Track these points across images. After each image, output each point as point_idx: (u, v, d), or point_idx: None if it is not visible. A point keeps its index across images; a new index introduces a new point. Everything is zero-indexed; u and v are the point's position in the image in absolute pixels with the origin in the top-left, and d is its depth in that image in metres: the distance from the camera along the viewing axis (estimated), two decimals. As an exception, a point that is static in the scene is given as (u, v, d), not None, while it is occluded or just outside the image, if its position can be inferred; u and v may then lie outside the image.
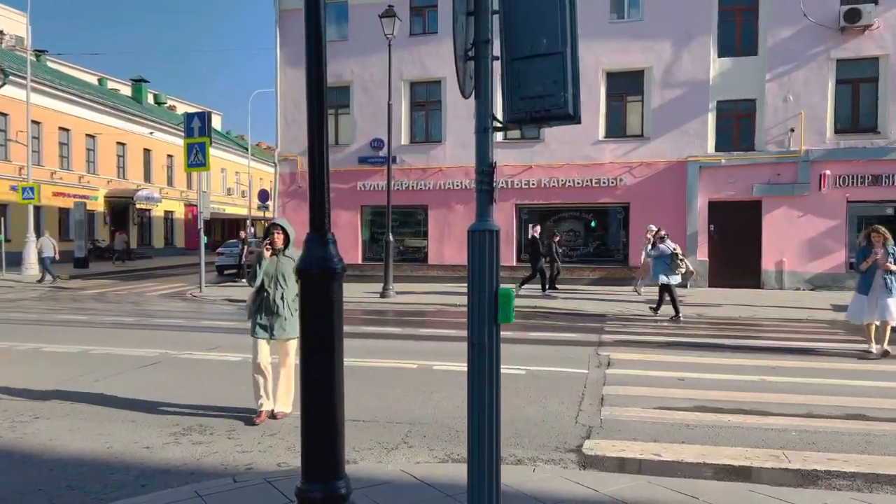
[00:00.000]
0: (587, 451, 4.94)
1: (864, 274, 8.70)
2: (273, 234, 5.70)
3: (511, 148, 19.68)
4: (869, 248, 8.64)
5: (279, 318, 5.62)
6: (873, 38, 17.24)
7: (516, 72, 3.04)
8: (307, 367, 3.24)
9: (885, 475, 4.43)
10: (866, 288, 8.65)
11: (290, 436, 5.22)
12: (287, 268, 5.55)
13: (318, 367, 3.22)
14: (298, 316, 5.25)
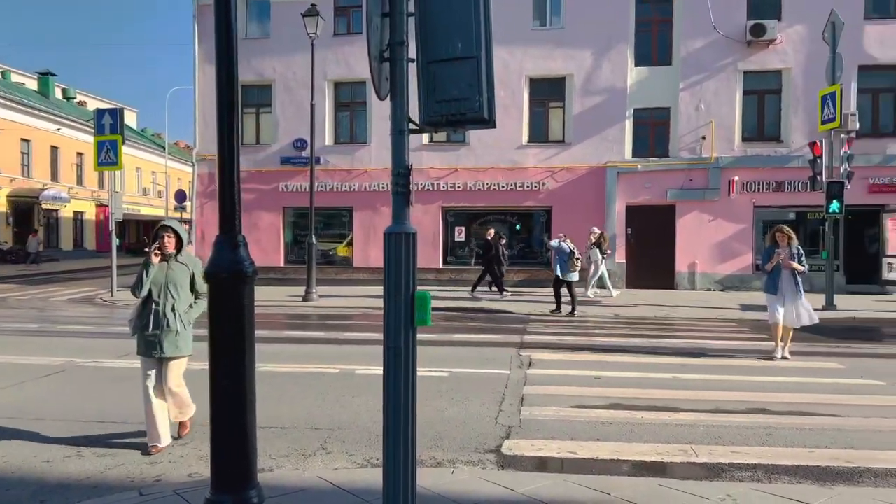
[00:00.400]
0: (506, 451, 4.99)
1: (770, 274, 8.67)
2: (162, 237, 4.99)
3: (437, 151, 19.77)
4: (774, 247, 8.66)
5: (170, 334, 4.89)
6: (777, 53, 18.28)
7: (432, 75, 3.04)
8: (216, 373, 3.13)
9: (783, 465, 4.68)
10: (774, 287, 8.62)
11: (203, 445, 5.03)
12: (179, 276, 4.98)
13: (227, 374, 3.12)
14: (191, 329, 4.98)
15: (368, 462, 4.75)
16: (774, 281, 8.62)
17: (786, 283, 8.55)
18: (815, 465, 4.67)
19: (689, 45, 18.57)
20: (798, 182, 17.58)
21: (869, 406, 6.37)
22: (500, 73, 19.03)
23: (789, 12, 18.13)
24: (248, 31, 20.73)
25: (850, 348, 9.90)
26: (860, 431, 5.50)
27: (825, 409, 6.19)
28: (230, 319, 3.13)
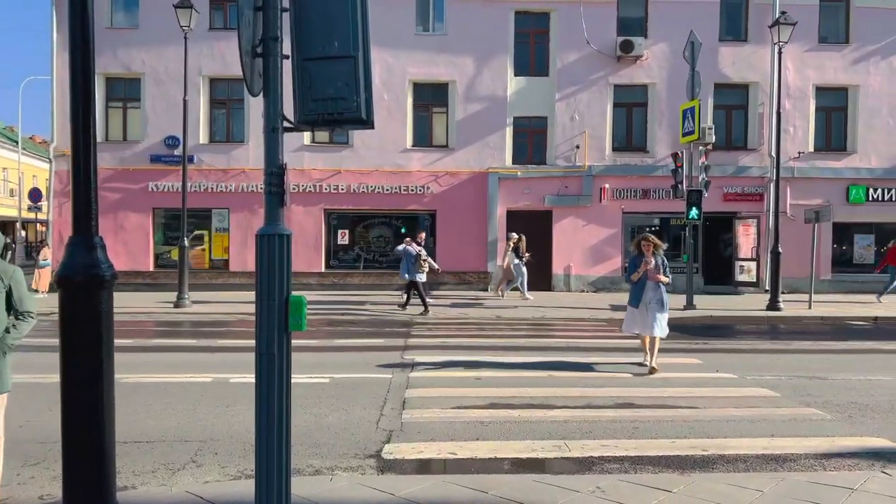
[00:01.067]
0: (386, 455, 4.96)
1: (636, 285, 8.10)
2: None
3: (319, 152, 19.42)
4: (640, 257, 8.06)
5: None
6: (643, 68, 19.49)
7: (308, 72, 2.98)
8: (69, 384, 2.89)
9: (648, 456, 4.96)
10: (636, 300, 8.08)
11: (56, 464, 4.62)
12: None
13: (81, 385, 2.88)
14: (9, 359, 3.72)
15: (242, 474, 4.56)
16: (638, 293, 8.07)
17: (650, 295, 8.00)
18: (675, 455, 5.00)
19: (565, 58, 19.40)
20: (662, 190, 18.80)
21: (723, 398, 6.89)
22: (384, 76, 19.05)
23: (654, 31, 19.38)
24: (115, 20, 19.43)
25: (707, 345, 10.70)
26: (715, 421, 5.94)
27: (685, 401, 6.64)
28: (85, 326, 2.89)
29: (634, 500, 3.90)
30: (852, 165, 19.68)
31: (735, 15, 19.75)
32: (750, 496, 3.94)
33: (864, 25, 19.52)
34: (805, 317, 14.36)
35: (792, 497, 3.92)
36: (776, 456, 4.98)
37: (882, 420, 5.98)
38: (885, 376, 7.95)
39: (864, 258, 20.21)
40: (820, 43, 19.58)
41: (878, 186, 19.62)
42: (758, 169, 19.54)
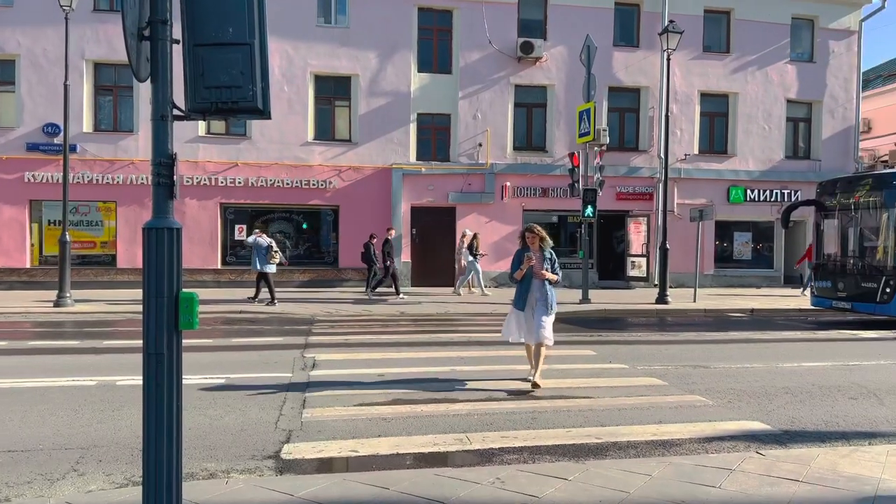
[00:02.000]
0: (285, 455, 4.84)
1: (520, 284, 7.01)
2: None
3: (215, 143, 18.70)
4: (524, 250, 7.02)
5: None
6: (543, 70, 20.04)
7: (200, 58, 2.84)
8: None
9: (546, 446, 5.11)
10: (522, 302, 7.01)
11: (-86, 481, 4.21)
12: None
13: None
14: None
15: (130, 481, 4.32)
16: (523, 293, 7.00)
17: (536, 295, 6.94)
18: (571, 444, 5.17)
19: (467, 57, 19.63)
20: (560, 189, 19.43)
21: (616, 387, 7.20)
22: (284, 67, 18.59)
23: (553, 34, 19.97)
24: (-14, -5, 17.88)
25: (601, 337, 11.15)
26: (608, 410, 6.20)
27: (581, 392, 6.89)
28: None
29: (532, 488, 4.00)
30: (732, 167, 21.11)
31: (628, 22, 20.68)
32: (640, 480, 4.13)
33: (744, 37, 20.96)
34: (690, 309, 15.25)
35: (678, 479, 4.15)
36: (664, 441, 5.25)
37: (757, 404, 6.44)
38: (760, 364, 8.57)
39: (742, 254, 21.75)
40: (704, 52, 20.86)
41: (755, 187, 21.14)
42: (648, 169, 20.57)
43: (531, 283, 6.97)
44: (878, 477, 4.18)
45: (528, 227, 7.13)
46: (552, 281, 7.00)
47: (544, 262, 6.98)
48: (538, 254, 6.97)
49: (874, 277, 12.75)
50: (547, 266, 6.98)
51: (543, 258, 6.98)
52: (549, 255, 7.04)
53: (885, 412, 6.20)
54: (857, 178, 14.55)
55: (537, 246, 6.98)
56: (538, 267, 6.93)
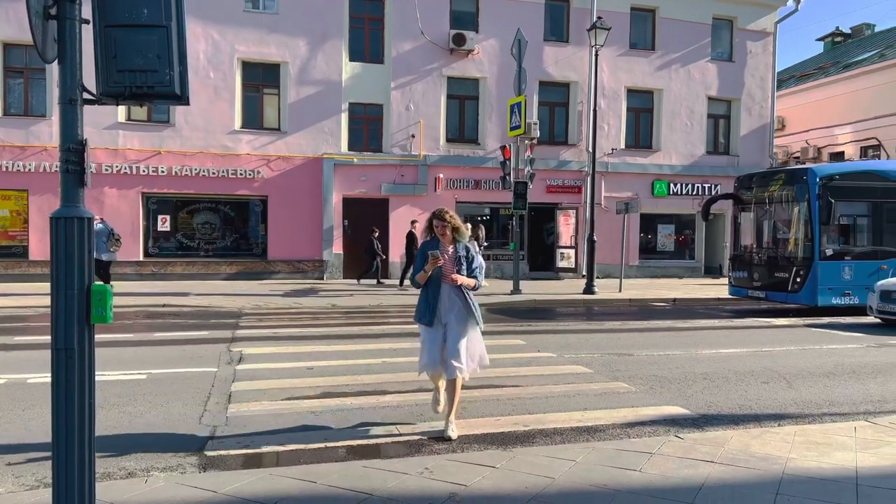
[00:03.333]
0: (209, 452, 4.72)
1: (426, 290, 5.20)
2: None
3: (136, 130, 17.97)
4: (432, 243, 5.23)
5: None
6: (475, 62, 20.14)
7: (112, 40, 2.71)
8: None
9: (474, 435, 5.16)
10: (428, 313, 5.15)
11: None
12: None
13: None
14: None
15: (41, 482, 4.11)
16: (430, 303, 5.16)
17: (447, 305, 5.15)
18: (499, 432, 5.24)
19: (400, 47, 19.51)
20: (492, 181, 19.61)
21: (543, 375, 7.34)
22: (209, 53, 18.01)
23: (485, 26, 20.09)
24: None
25: (530, 326, 11.35)
26: (536, 398, 6.32)
27: (510, 380, 6.99)
28: None
29: (460, 477, 4.04)
30: (656, 162, 21.82)
31: (558, 17, 21.02)
32: (565, 466, 4.23)
33: (668, 35, 21.66)
34: (616, 299, 15.71)
35: (601, 464, 4.27)
36: (588, 427, 5.40)
37: (676, 390, 6.70)
38: (679, 351, 8.92)
39: (665, 246, 22.55)
40: (631, 48, 21.43)
41: (678, 181, 21.93)
42: (577, 163, 21.02)
43: (440, 290, 5.15)
44: (786, 456, 4.42)
45: (437, 213, 5.29)
46: (470, 287, 5.19)
47: (458, 261, 5.19)
48: (450, 249, 5.22)
49: (786, 268, 13.46)
50: (462, 266, 5.17)
51: (457, 256, 5.20)
52: (466, 251, 5.24)
53: (793, 395, 6.56)
54: (771, 173, 15.31)
55: (450, 238, 5.23)
56: (448, 268, 5.14)
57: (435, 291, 5.18)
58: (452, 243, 5.24)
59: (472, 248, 5.35)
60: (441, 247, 5.20)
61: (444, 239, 5.23)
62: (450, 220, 5.22)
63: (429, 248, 5.14)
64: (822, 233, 12.98)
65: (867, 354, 8.89)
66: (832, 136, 25.37)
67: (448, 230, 5.21)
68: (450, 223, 5.21)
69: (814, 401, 6.34)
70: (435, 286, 5.17)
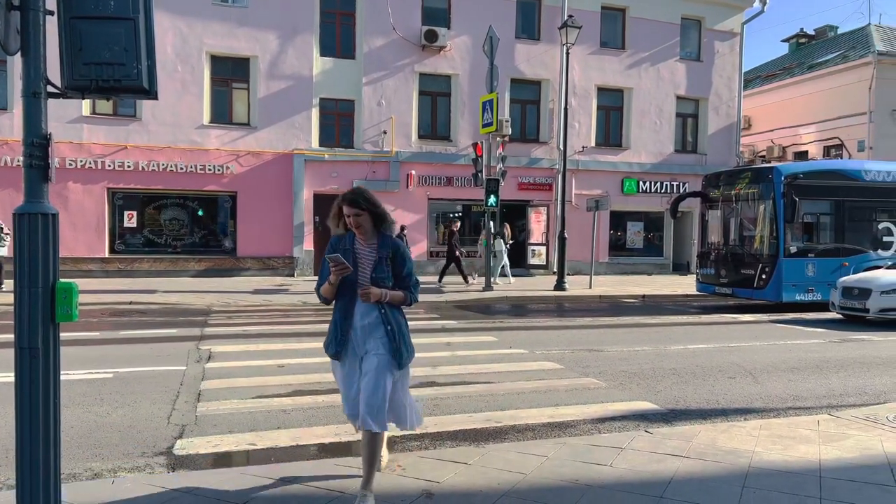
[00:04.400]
0: (178, 451, 4.65)
1: (338, 305, 3.75)
2: None
3: (101, 124, 17.60)
4: (347, 239, 3.73)
5: None
6: (447, 59, 20.13)
7: (77, 32, 2.65)
8: None
9: (447, 432, 5.17)
10: (335, 343, 3.72)
11: None
12: None
13: None
14: None
15: (4, 484, 4.01)
16: (338, 325, 3.72)
17: (362, 332, 3.67)
18: (472, 429, 5.26)
19: (371, 42, 19.41)
20: (464, 178, 19.64)
21: (515, 372, 7.38)
22: (177, 46, 17.71)
23: (457, 23, 20.09)
24: None
25: (502, 323, 11.40)
26: (508, 394, 6.35)
27: (483, 377, 7.02)
28: None
29: (433, 474, 4.04)
30: (626, 160, 22.07)
31: (529, 15, 21.11)
32: (537, 461, 4.26)
33: (638, 34, 21.89)
34: (586, 296, 15.86)
35: (572, 459, 4.31)
36: (560, 423, 5.44)
37: (646, 385, 6.79)
38: (648, 347, 9.04)
39: (635, 243, 22.83)
40: (601, 47, 21.62)
41: (647, 179, 22.20)
42: (548, 161, 21.15)
43: (353, 308, 3.66)
44: (752, 450, 4.52)
45: (348, 197, 3.64)
46: (398, 304, 3.73)
47: (379, 265, 3.65)
48: (368, 246, 3.68)
49: (752, 265, 13.73)
50: (386, 274, 3.66)
51: (378, 258, 3.65)
52: (394, 250, 3.69)
53: (758, 389, 6.70)
54: (738, 171, 15.59)
55: (368, 232, 3.67)
56: (364, 276, 3.64)
57: (345, 311, 3.67)
58: (376, 237, 3.71)
59: (402, 246, 3.76)
60: (354, 245, 3.69)
61: (359, 233, 3.67)
62: (366, 205, 3.61)
63: (337, 248, 3.67)
64: (787, 230, 13.27)
65: (829, 350, 9.12)
66: (796, 136, 25.93)
67: (365, 220, 3.63)
68: (367, 211, 3.61)
69: (779, 395, 6.48)
70: (346, 303, 3.67)
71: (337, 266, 3.54)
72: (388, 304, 3.70)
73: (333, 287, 3.66)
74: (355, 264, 3.66)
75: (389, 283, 3.71)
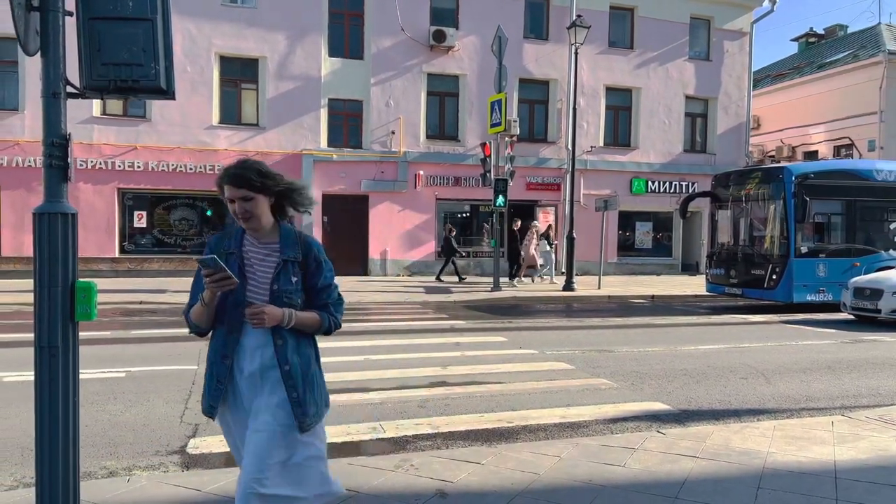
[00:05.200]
0: (192, 450, 4.67)
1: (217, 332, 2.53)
2: None
3: (112, 125, 17.69)
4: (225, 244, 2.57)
5: None
6: (455, 59, 20.13)
7: (96, 33, 2.66)
8: None
9: (459, 432, 5.17)
10: (210, 394, 2.55)
11: None
12: None
13: None
14: None
15: (20, 482, 4.04)
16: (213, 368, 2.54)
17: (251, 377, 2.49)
18: (483, 429, 5.26)
19: (380, 43, 19.44)
20: (472, 178, 19.64)
21: (526, 372, 7.37)
22: (187, 46, 17.78)
23: (465, 23, 20.08)
24: None
25: (511, 323, 11.38)
26: (519, 395, 6.34)
27: (493, 377, 7.01)
28: None
29: (446, 473, 4.04)
30: (635, 160, 22.01)
31: (538, 14, 21.09)
32: (550, 461, 4.26)
33: (646, 34, 21.83)
34: (595, 296, 15.83)
35: (585, 460, 4.31)
36: (572, 423, 5.43)
37: (657, 386, 6.77)
38: (659, 347, 9.01)
39: (644, 243, 22.76)
40: (610, 46, 21.57)
41: (656, 179, 22.14)
42: (556, 161, 21.12)
43: (237, 339, 2.51)
44: (766, 450, 4.49)
45: (232, 172, 2.51)
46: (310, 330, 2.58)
47: (281, 273, 2.53)
48: (264, 247, 2.58)
49: (762, 265, 13.67)
50: (288, 286, 2.52)
51: (280, 263, 2.55)
52: (305, 250, 2.61)
53: (771, 390, 6.67)
54: (748, 171, 15.52)
55: (261, 223, 2.55)
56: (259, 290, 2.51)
57: (225, 346, 2.49)
58: (273, 236, 2.57)
59: (316, 245, 2.62)
60: (244, 246, 2.54)
61: (249, 226, 2.52)
62: (259, 183, 2.45)
63: (217, 250, 2.51)
64: (798, 231, 13.20)
65: (842, 350, 9.06)
66: (806, 136, 25.79)
67: (259, 207, 2.48)
68: (262, 192, 2.47)
69: (791, 396, 6.45)
70: (227, 334, 2.49)
71: (213, 276, 2.28)
72: (292, 331, 2.45)
73: (209, 309, 2.41)
74: (243, 274, 2.45)
75: (298, 301, 2.48)
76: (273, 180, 2.52)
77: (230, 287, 2.36)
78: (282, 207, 2.62)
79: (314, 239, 2.70)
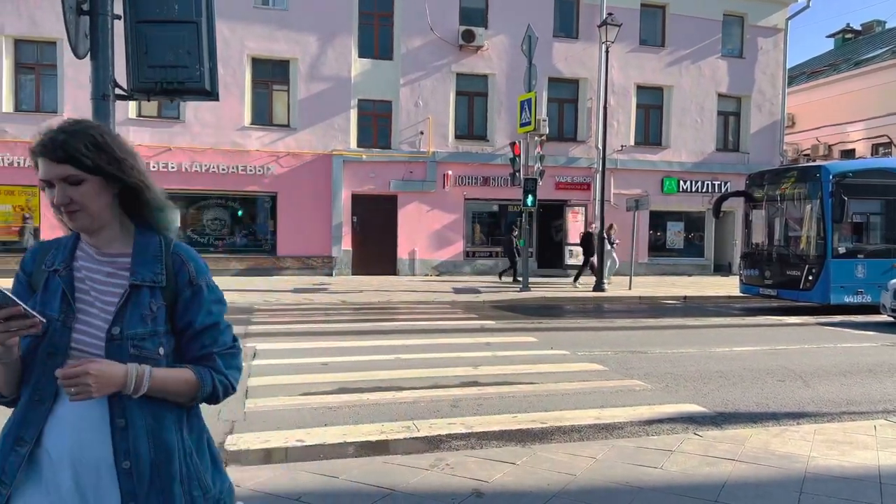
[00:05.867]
0: (229, 446, 4.73)
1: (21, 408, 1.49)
2: None
3: (146, 126, 18.02)
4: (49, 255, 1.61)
5: None
6: (484, 58, 20.10)
7: (143, 36, 2.72)
8: None
9: (492, 432, 5.17)
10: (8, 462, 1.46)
11: None
12: None
13: None
14: None
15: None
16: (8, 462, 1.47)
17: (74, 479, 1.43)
18: (517, 429, 5.24)
19: (409, 43, 19.50)
20: (501, 178, 19.59)
21: (558, 373, 7.33)
22: (220, 49, 17.88)
23: (494, 22, 20.04)
24: None
25: (542, 324, 11.33)
26: (551, 395, 6.31)
27: (525, 378, 6.99)
28: None
29: (481, 473, 4.04)
30: (666, 159, 21.75)
31: (567, 13, 20.95)
32: (585, 463, 4.23)
33: (678, 31, 21.56)
34: (626, 297, 15.68)
35: (622, 461, 4.27)
36: (606, 425, 5.39)
37: (692, 388, 6.68)
38: (693, 349, 8.89)
39: (675, 243, 22.48)
40: (641, 45, 21.35)
41: (688, 178, 21.85)
42: (586, 160, 20.97)
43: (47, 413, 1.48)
44: (808, 454, 4.41)
45: (48, 139, 1.49)
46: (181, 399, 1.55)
47: (125, 302, 1.52)
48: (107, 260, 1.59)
49: (798, 266, 13.40)
50: (137, 328, 1.51)
51: (133, 287, 1.54)
52: (155, 270, 1.57)
53: (810, 393, 6.54)
54: (784, 170, 15.23)
55: (99, 223, 1.57)
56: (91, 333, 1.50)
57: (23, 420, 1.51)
58: (123, 243, 1.64)
59: (192, 258, 1.67)
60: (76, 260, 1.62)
61: (77, 226, 1.59)
62: (91, 158, 1.53)
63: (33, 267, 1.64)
64: (835, 230, 12.92)
65: (882, 353, 8.85)
66: (843, 134, 25.23)
67: (93, 197, 1.56)
68: (98, 173, 1.55)
69: (832, 399, 6.31)
70: (34, 399, 1.50)
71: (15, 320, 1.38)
72: (145, 403, 1.50)
73: (9, 368, 1.49)
74: (67, 305, 1.54)
75: (158, 351, 1.54)
76: (115, 158, 1.56)
77: (31, 332, 1.41)
78: (138, 203, 1.64)
79: (191, 251, 1.68)
